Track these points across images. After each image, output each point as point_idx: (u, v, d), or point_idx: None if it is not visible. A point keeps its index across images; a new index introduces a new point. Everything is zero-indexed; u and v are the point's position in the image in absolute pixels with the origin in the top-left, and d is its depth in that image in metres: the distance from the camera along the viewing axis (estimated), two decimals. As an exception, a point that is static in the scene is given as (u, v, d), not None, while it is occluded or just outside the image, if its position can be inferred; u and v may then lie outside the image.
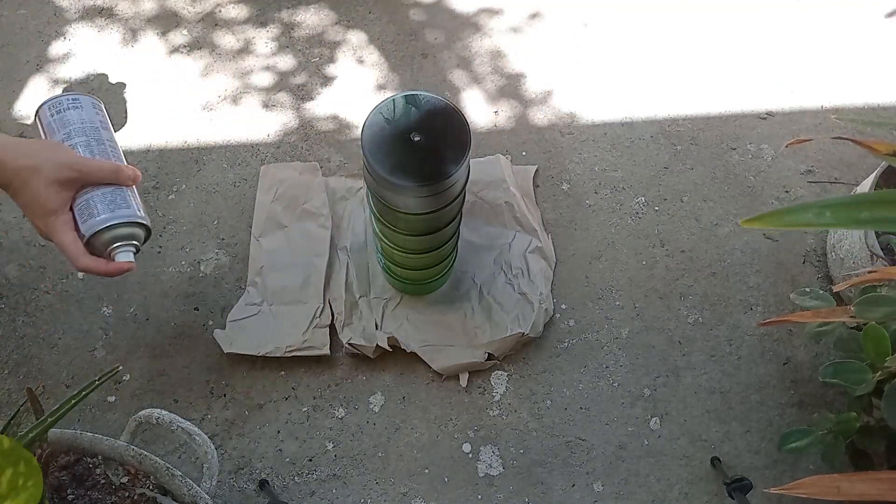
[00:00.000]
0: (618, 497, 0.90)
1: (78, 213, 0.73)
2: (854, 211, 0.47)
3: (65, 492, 0.67)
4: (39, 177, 0.71)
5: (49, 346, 0.96)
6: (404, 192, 0.73)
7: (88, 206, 0.73)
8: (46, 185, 0.71)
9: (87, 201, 0.73)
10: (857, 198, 0.48)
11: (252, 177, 1.10)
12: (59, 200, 0.72)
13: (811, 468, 0.92)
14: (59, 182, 0.71)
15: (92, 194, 0.73)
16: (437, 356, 0.95)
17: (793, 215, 0.47)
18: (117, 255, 0.73)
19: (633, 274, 1.04)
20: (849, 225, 0.49)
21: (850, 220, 0.48)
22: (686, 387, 0.97)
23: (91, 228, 0.72)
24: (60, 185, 0.72)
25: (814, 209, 0.46)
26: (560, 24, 1.27)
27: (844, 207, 0.47)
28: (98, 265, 0.72)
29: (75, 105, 0.78)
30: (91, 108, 0.79)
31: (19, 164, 0.71)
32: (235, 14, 1.25)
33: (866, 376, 0.73)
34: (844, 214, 0.47)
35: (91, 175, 0.74)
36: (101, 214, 0.72)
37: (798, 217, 0.47)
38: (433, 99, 0.76)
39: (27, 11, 1.24)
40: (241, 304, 0.98)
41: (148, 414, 0.72)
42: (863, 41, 1.26)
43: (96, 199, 0.73)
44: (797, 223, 0.48)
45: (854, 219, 0.48)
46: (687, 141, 1.15)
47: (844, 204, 0.47)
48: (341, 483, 0.90)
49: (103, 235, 0.73)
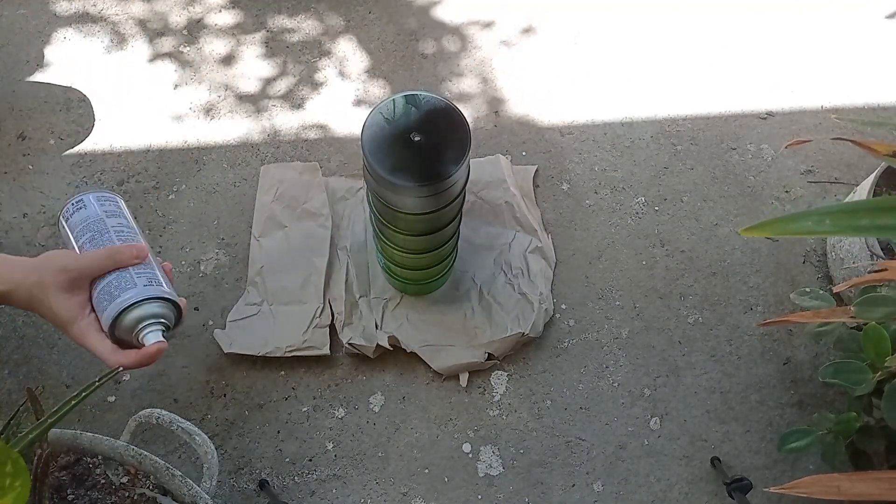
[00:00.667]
0: (618, 497, 0.90)
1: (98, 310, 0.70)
2: (853, 218, 0.47)
3: (65, 492, 0.67)
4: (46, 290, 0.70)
5: (49, 346, 0.96)
6: (404, 192, 0.73)
7: (99, 301, 0.71)
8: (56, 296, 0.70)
9: (97, 297, 0.71)
10: (857, 205, 0.48)
11: (252, 177, 1.10)
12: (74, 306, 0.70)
13: (811, 468, 0.92)
14: (63, 289, 0.70)
15: (100, 287, 0.71)
16: (437, 356, 0.95)
17: (792, 223, 0.47)
18: (144, 339, 0.70)
19: (633, 274, 1.04)
20: (848, 232, 0.49)
21: (849, 227, 0.48)
22: (686, 387, 0.97)
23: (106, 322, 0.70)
24: (67, 291, 0.70)
25: (813, 217, 0.46)
26: (560, 26, 1.27)
27: (844, 215, 0.47)
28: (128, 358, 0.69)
29: (78, 207, 0.77)
30: (94, 203, 0.78)
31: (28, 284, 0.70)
32: (235, 14, 1.25)
33: (866, 376, 0.73)
34: (844, 222, 0.47)
35: (87, 269, 0.71)
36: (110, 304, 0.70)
37: (798, 225, 0.47)
38: (433, 99, 0.76)
39: (27, 11, 1.24)
40: (240, 304, 0.98)
41: (148, 414, 0.72)
42: (863, 41, 1.26)
43: (104, 292, 0.71)
44: (798, 231, 0.48)
45: (853, 226, 0.47)
46: (687, 141, 1.15)
47: (844, 211, 0.47)
48: (341, 483, 0.90)
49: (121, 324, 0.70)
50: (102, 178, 1.09)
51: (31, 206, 1.07)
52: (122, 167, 1.10)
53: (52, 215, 1.06)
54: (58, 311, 0.69)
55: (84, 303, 0.71)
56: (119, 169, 1.10)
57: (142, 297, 0.70)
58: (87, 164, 1.10)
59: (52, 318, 0.70)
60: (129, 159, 1.11)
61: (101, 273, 0.72)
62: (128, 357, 0.69)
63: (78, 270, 0.71)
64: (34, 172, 1.09)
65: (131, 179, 1.09)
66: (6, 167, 1.09)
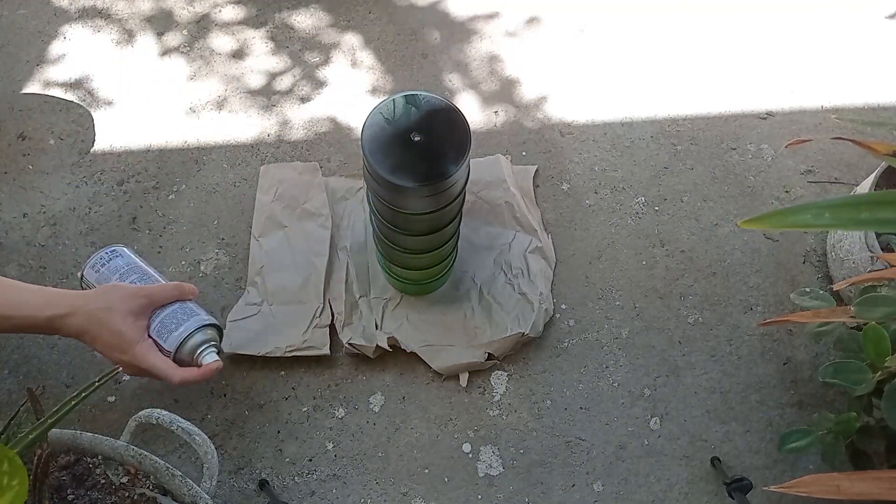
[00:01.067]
0: (618, 497, 0.90)
1: (157, 336, 0.81)
2: (854, 212, 0.47)
3: (65, 492, 0.67)
4: (113, 313, 0.78)
5: (49, 346, 0.96)
6: (404, 192, 0.74)
7: (165, 325, 0.82)
8: (123, 319, 0.78)
9: (162, 322, 0.82)
10: (857, 198, 0.48)
11: (252, 177, 1.10)
12: (138, 329, 0.79)
13: (811, 468, 0.92)
14: (132, 313, 0.79)
15: (164, 314, 0.82)
16: (437, 356, 0.95)
17: (792, 216, 0.47)
18: (203, 359, 0.83)
19: (633, 274, 1.04)
20: (848, 226, 0.49)
21: (849, 220, 0.48)
22: (686, 387, 0.97)
23: (174, 342, 0.81)
24: (135, 315, 0.79)
25: (813, 210, 0.47)
26: (559, 26, 1.27)
27: (844, 208, 0.47)
28: (192, 373, 0.80)
29: (115, 255, 0.89)
30: (128, 253, 0.91)
31: (91, 309, 0.77)
32: (234, 14, 1.26)
33: (866, 376, 0.73)
34: (844, 215, 0.47)
35: (158, 296, 0.82)
36: (179, 327, 0.82)
37: (797, 218, 0.47)
38: (433, 99, 0.76)
39: (27, 11, 1.24)
40: (240, 304, 0.98)
41: (148, 414, 0.72)
42: (863, 41, 1.26)
43: (170, 317, 0.82)
44: (796, 224, 0.48)
45: (854, 219, 0.48)
46: (687, 141, 1.15)
47: (844, 205, 0.47)
48: (341, 483, 0.90)
49: (187, 344, 0.82)
50: (102, 178, 1.09)
51: (31, 206, 1.07)
52: (122, 167, 1.10)
53: (52, 215, 1.06)
54: (125, 331, 0.78)
55: (144, 328, 0.81)
56: (119, 169, 1.10)
57: (203, 323, 0.84)
58: (87, 164, 1.10)
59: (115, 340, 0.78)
60: (129, 159, 1.11)
61: (166, 302, 0.83)
62: (191, 373, 0.80)
63: (149, 298, 0.81)
64: (34, 172, 1.09)
65: (131, 179, 1.09)
66: (6, 167, 1.09)
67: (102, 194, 1.08)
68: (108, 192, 1.08)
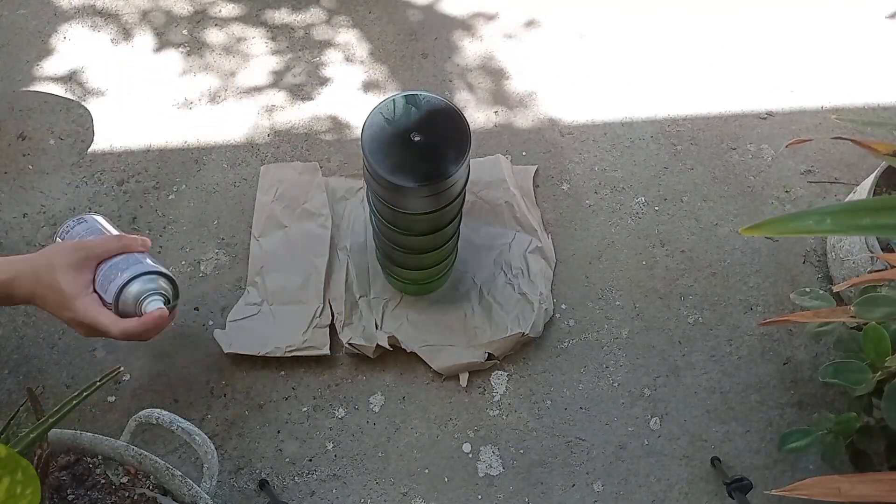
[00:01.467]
0: (618, 497, 0.90)
1: (100, 290, 0.78)
2: (855, 217, 0.47)
3: (65, 492, 0.67)
4: (54, 269, 0.75)
5: (49, 346, 0.96)
6: (404, 192, 0.74)
7: (106, 276, 0.78)
8: (63, 274, 0.75)
9: (104, 274, 0.78)
10: (858, 204, 0.48)
11: (252, 177, 1.10)
12: (80, 283, 0.76)
13: (811, 468, 0.92)
14: (72, 267, 0.75)
15: (107, 266, 0.78)
16: (437, 356, 0.95)
17: (793, 222, 0.47)
18: (146, 307, 0.77)
19: (633, 274, 1.04)
20: (849, 232, 0.49)
21: (850, 226, 0.48)
22: (686, 387, 0.97)
23: (113, 291, 0.77)
24: (75, 269, 0.76)
25: (814, 216, 0.47)
26: (559, 25, 1.27)
27: (845, 214, 0.47)
28: (132, 324, 0.75)
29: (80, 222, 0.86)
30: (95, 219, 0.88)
31: (33, 269, 0.75)
32: (233, 14, 1.25)
33: (866, 376, 0.73)
34: (845, 221, 0.47)
35: (97, 247, 0.78)
36: (118, 277, 0.77)
37: (798, 224, 0.47)
38: (433, 99, 0.76)
39: (27, 11, 1.24)
40: (240, 304, 0.98)
41: (148, 414, 0.72)
42: (863, 41, 1.26)
43: (112, 268, 0.78)
44: (798, 230, 0.48)
45: (855, 226, 0.48)
46: (687, 141, 1.15)
47: (845, 211, 0.47)
48: (341, 483, 0.90)
49: (127, 294, 0.77)
50: (102, 177, 1.09)
51: (31, 206, 1.07)
52: (122, 167, 1.10)
53: (52, 215, 1.06)
54: (65, 286, 0.74)
55: (88, 282, 0.77)
56: (119, 169, 1.10)
57: (146, 270, 0.78)
58: (87, 164, 1.10)
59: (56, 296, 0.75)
60: (129, 159, 1.11)
61: (108, 255, 0.79)
62: (131, 324, 0.76)
63: (88, 249, 0.78)
64: (34, 172, 1.09)
65: (131, 179, 1.09)
66: (6, 167, 1.09)
67: (102, 194, 1.08)
68: (108, 192, 1.08)
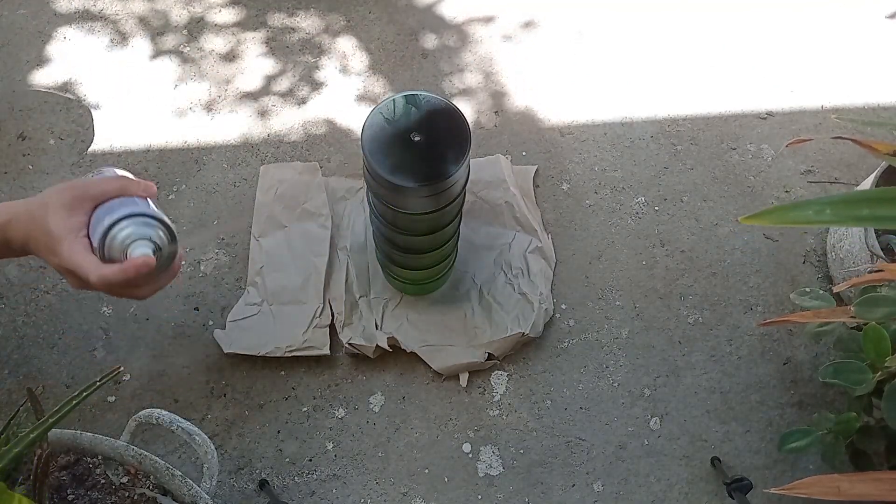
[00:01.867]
0: (618, 497, 0.90)
1: (92, 234, 0.69)
2: (854, 208, 0.47)
3: (65, 492, 0.67)
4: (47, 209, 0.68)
5: (49, 346, 0.96)
6: (404, 192, 0.73)
7: (98, 218, 0.69)
8: (55, 214, 0.68)
9: (96, 216, 0.69)
10: (857, 195, 0.48)
11: (252, 177, 1.10)
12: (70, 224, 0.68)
13: (811, 468, 0.92)
14: (65, 206, 0.69)
15: (101, 208, 0.70)
16: (437, 356, 0.95)
17: (793, 212, 0.47)
18: (132, 253, 0.67)
19: (633, 274, 1.04)
20: (848, 222, 0.49)
21: (849, 217, 0.48)
22: (686, 387, 0.97)
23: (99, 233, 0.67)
24: (67, 209, 0.69)
25: (814, 206, 0.46)
26: (558, 26, 1.27)
27: (844, 205, 0.47)
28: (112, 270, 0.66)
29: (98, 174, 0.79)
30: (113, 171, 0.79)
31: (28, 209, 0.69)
32: (234, 14, 1.25)
33: (866, 376, 0.73)
34: (844, 212, 0.47)
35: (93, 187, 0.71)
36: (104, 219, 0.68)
37: (798, 214, 0.47)
38: (433, 99, 0.76)
39: (27, 11, 1.24)
40: (240, 304, 0.98)
41: (148, 414, 0.72)
42: (863, 41, 1.26)
43: (105, 210, 0.69)
44: (797, 220, 0.48)
45: (854, 216, 0.48)
46: (687, 141, 1.15)
47: (844, 201, 0.47)
48: (341, 483, 0.90)
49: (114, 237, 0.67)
50: (102, 178, 1.09)
51: (31, 206, 1.06)
52: (122, 167, 1.10)
53: (52, 215, 1.06)
54: (53, 227, 0.67)
55: (81, 226, 0.69)
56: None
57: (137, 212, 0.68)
58: (87, 164, 1.10)
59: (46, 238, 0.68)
60: (129, 159, 1.11)
61: (105, 198, 0.71)
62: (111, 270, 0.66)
63: (83, 188, 0.70)
64: (34, 172, 1.09)
65: (131, 179, 1.09)
66: (6, 167, 1.09)
67: (102, 194, 1.08)
68: (108, 192, 1.08)
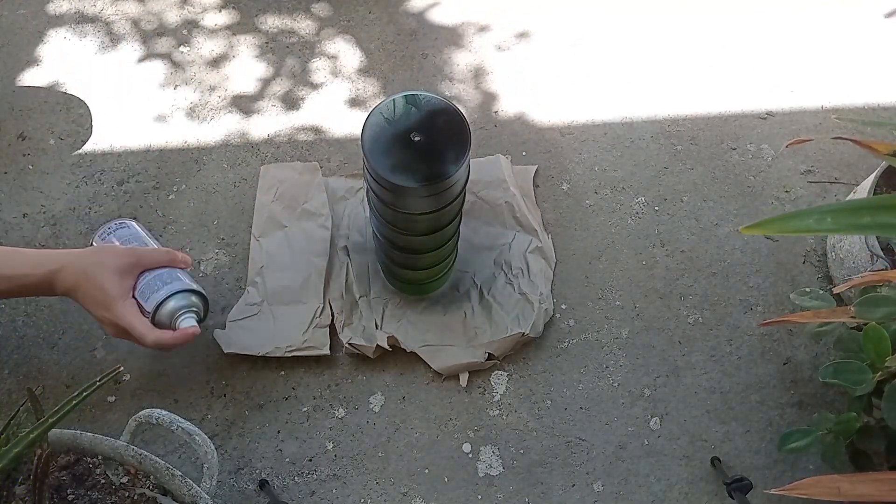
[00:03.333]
0: (618, 497, 0.90)
1: (140, 296, 0.83)
2: (855, 216, 0.47)
3: (65, 492, 0.67)
4: (101, 269, 0.80)
5: (49, 346, 0.96)
6: (404, 192, 0.74)
7: (149, 286, 0.83)
8: (110, 276, 0.80)
9: (147, 283, 0.83)
10: (859, 203, 0.48)
11: (252, 177, 1.10)
12: (123, 287, 0.81)
13: (811, 468, 0.92)
14: (119, 271, 0.80)
15: (150, 276, 0.84)
16: (437, 356, 0.95)
17: (794, 221, 0.47)
18: (181, 323, 0.83)
19: (633, 274, 1.04)
20: (850, 231, 0.48)
21: (851, 225, 0.48)
22: (686, 387, 0.97)
23: (153, 303, 0.82)
24: (121, 274, 0.81)
25: (815, 215, 0.46)
26: (560, 25, 1.27)
27: (845, 213, 0.47)
28: (166, 336, 0.80)
29: (121, 226, 0.93)
30: (135, 226, 0.94)
31: (82, 264, 0.80)
32: (233, 14, 1.26)
33: (866, 376, 0.73)
34: (845, 220, 0.47)
35: (147, 257, 0.84)
36: (161, 289, 0.83)
37: (799, 223, 0.47)
38: (433, 99, 0.76)
39: (27, 11, 1.24)
40: (240, 304, 0.98)
41: (148, 414, 0.72)
42: (863, 41, 1.26)
43: (155, 279, 0.83)
44: (798, 229, 0.47)
45: (855, 224, 0.47)
46: (687, 141, 1.15)
47: (845, 210, 0.47)
48: (341, 483, 0.90)
49: (166, 307, 0.82)
50: (102, 178, 1.09)
51: (31, 206, 1.06)
52: (122, 167, 1.10)
53: (51, 215, 1.06)
54: (109, 287, 0.79)
55: (130, 288, 0.82)
56: (119, 169, 1.10)
57: (185, 287, 0.84)
58: (87, 164, 1.10)
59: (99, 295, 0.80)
60: (129, 159, 1.11)
61: (156, 265, 0.85)
62: (166, 335, 0.81)
63: (138, 257, 0.83)
64: (34, 172, 1.09)
65: (131, 179, 1.09)
66: (6, 167, 1.09)
67: (102, 194, 1.08)
68: (108, 192, 1.08)
